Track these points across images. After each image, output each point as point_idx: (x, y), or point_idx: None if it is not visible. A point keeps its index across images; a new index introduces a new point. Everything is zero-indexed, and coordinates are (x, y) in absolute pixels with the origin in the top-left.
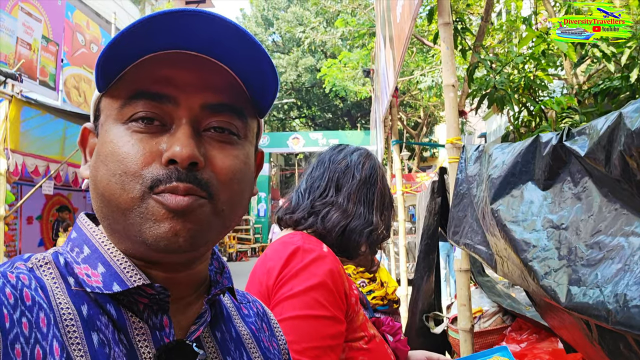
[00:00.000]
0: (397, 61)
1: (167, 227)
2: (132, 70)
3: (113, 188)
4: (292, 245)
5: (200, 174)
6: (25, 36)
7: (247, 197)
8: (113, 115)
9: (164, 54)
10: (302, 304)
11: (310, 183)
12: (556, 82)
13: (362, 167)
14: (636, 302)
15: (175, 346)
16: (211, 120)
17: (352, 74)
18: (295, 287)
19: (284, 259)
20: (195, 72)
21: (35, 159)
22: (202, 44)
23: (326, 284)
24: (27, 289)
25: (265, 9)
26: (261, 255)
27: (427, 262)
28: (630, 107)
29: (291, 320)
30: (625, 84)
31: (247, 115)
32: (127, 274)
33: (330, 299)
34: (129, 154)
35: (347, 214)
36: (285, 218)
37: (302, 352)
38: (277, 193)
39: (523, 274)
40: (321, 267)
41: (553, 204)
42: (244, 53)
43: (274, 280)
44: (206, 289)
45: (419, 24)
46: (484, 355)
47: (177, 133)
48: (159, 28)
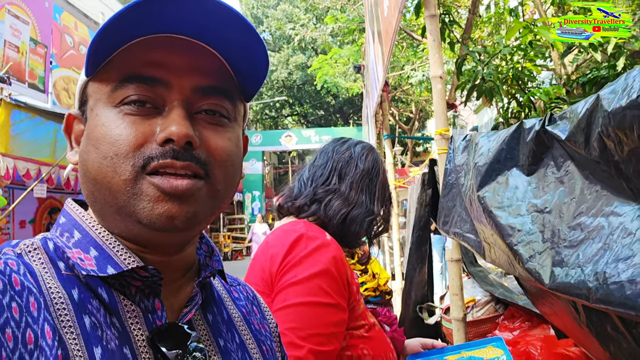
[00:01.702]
0: (385, 55)
1: (162, 209)
2: (121, 54)
3: (105, 171)
4: (295, 233)
5: (197, 153)
6: (13, 39)
7: (238, 179)
8: (103, 99)
9: (154, 37)
10: (306, 291)
11: (313, 172)
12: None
13: (365, 158)
14: (614, 278)
15: (167, 328)
16: (203, 102)
17: (343, 70)
18: (300, 274)
19: (288, 246)
20: (186, 55)
21: (27, 162)
22: (193, 28)
23: (330, 271)
24: (15, 274)
25: (255, 7)
26: (262, 243)
27: (419, 254)
28: (607, 89)
29: (295, 307)
30: (613, 73)
31: (236, 98)
32: (121, 257)
33: (334, 286)
34: (121, 136)
35: (349, 202)
36: (286, 205)
37: (306, 339)
38: (271, 191)
39: (509, 258)
40: (325, 254)
41: (537, 189)
42: (235, 37)
43: (278, 266)
44: (196, 272)
45: (407, 19)
46: (478, 344)
47: (171, 114)
48: (150, 11)
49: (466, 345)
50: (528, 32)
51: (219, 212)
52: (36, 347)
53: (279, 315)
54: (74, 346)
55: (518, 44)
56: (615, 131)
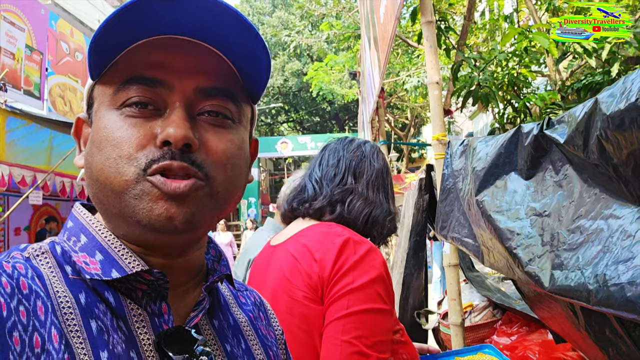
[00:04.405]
0: (382, 62)
1: (161, 208)
2: (124, 57)
3: (107, 172)
4: (338, 237)
5: (195, 156)
6: (9, 45)
7: (242, 182)
8: (106, 101)
9: (157, 39)
10: (367, 298)
11: (325, 172)
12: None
13: (377, 156)
14: (615, 280)
15: (174, 332)
16: (205, 104)
17: (338, 77)
18: (357, 279)
19: (337, 250)
20: (188, 57)
21: (22, 169)
22: (194, 29)
23: (383, 276)
24: (23, 278)
25: (251, 14)
26: (292, 248)
27: (417, 259)
28: (605, 92)
29: (360, 315)
30: (607, 79)
31: (241, 100)
32: (125, 261)
33: (387, 292)
34: (123, 138)
35: (369, 201)
36: (302, 208)
37: (372, 346)
38: (267, 198)
39: (508, 262)
40: (376, 258)
41: (536, 193)
42: (237, 38)
43: (330, 271)
44: (203, 276)
45: (402, 25)
46: (467, 351)
47: (171, 116)
48: (149, 13)
49: (458, 352)
50: (523, 38)
51: (223, 215)
52: (43, 351)
53: (342, 323)
54: (80, 350)
55: (513, 50)
56: (614, 134)
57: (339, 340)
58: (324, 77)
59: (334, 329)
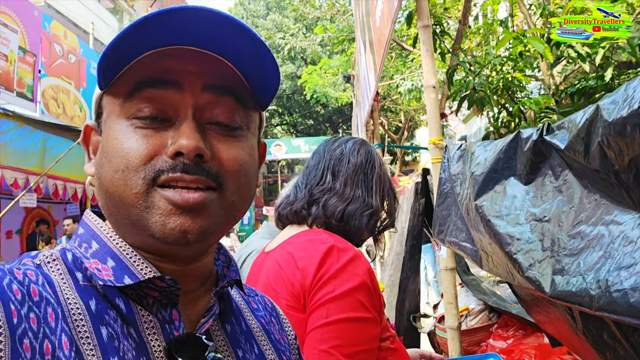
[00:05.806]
0: (377, 65)
1: (175, 223)
2: (133, 67)
3: (117, 184)
4: (323, 244)
5: (207, 165)
6: (2, 47)
7: (253, 189)
8: (116, 111)
9: (166, 49)
10: (348, 306)
11: (306, 174)
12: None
13: (357, 152)
14: (617, 286)
15: (185, 339)
16: (215, 110)
17: (332, 80)
18: (338, 288)
19: (319, 258)
20: (197, 62)
21: (14, 172)
22: (203, 40)
23: (367, 284)
24: (34, 285)
25: (244, 17)
26: (279, 256)
27: (413, 263)
28: (607, 99)
29: (339, 324)
30: (600, 83)
31: (249, 105)
32: (138, 267)
33: (371, 300)
34: (132, 149)
35: (344, 197)
36: (284, 212)
37: (352, 356)
38: (261, 201)
39: (508, 267)
40: (360, 266)
41: (535, 198)
42: (243, 46)
43: (311, 279)
44: (214, 282)
45: (397, 29)
46: (474, 359)
47: (182, 127)
48: (158, 25)
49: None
50: (518, 43)
51: (235, 223)
52: (53, 358)
53: (321, 332)
54: (91, 357)
55: (508, 54)
56: (616, 140)
57: (317, 350)
58: (318, 81)
59: (313, 338)
